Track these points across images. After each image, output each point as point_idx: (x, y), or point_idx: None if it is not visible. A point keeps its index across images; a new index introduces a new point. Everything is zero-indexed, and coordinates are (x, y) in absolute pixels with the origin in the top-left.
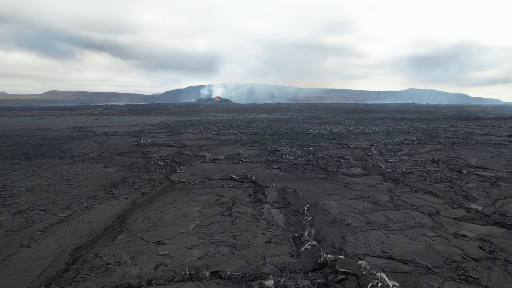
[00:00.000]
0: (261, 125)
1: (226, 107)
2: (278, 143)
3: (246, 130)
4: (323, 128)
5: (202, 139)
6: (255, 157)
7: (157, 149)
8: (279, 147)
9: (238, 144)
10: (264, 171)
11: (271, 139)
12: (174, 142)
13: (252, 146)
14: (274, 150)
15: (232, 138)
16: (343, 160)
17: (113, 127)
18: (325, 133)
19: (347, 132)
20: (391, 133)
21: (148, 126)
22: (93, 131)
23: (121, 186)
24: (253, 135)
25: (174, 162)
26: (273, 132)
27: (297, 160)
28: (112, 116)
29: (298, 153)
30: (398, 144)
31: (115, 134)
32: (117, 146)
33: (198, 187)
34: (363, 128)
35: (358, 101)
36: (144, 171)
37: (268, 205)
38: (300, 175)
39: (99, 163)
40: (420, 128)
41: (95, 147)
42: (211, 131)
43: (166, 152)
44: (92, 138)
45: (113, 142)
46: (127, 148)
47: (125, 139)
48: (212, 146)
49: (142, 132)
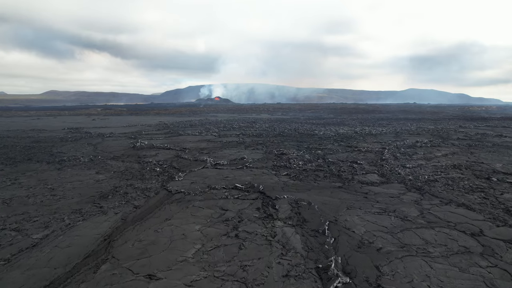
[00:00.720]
0: (263, 126)
1: (226, 107)
2: (283, 146)
3: (248, 131)
4: (328, 129)
5: (202, 141)
6: (260, 161)
7: (154, 152)
8: (285, 150)
9: (241, 146)
10: (272, 179)
11: (275, 141)
12: (173, 144)
13: (256, 149)
14: (281, 153)
15: (234, 140)
16: (356, 165)
17: (110, 128)
18: (331, 135)
19: (354, 134)
20: (400, 135)
21: (146, 127)
22: (89, 133)
23: (111, 197)
24: (256, 136)
25: (172, 168)
26: (276, 133)
27: (306, 165)
28: (111, 116)
29: (307, 157)
30: (411, 146)
31: (111, 135)
32: (111, 149)
33: (198, 198)
34: (370, 129)
35: (359, 101)
36: (139, 179)
37: (280, 222)
38: (313, 184)
39: (90, 168)
40: (429, 129)
41: (88, 150)
42: (212, 132)
43: (164, 156)
44: (87, 140)
45: (108, 144)
46: (122, 151)
47: (121, 141)
48: (213, 149)
49: (140, 134)
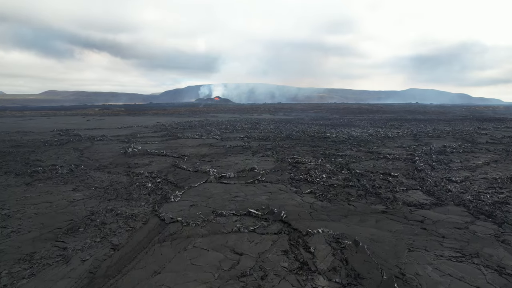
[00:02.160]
0: (268, 127)
1: (227, 107)
2: (295, 152)
3: (252, 133)
4: (339, 131)
5: (203, 146)
6: (274, 173)
7: (147, 160)
8: (300, 158)
9: (248, 152)
10: (294, 199)
11: (285, 146)
12: (170, 149)
13: (266, 155)
14: (296, 162)
15: (238, 144)
16: (391, 179)
17: (103, 129)
18: (345, 138)
19: (369, 136)
20: (419, 138)
21: (143, 128)
22: (78, 135)
23: (83, 230)
24: (263, 140)
25: (167, 183)
26: (284, 136)
27: (331, 179)
28: (107, 116)
29: (329, 168)
30: (441, 152)
31: (102, 139)
32: (99, 156)
33: (201, 232)
34: (384, 131)
35: (359, 101)
36: (124, 199)
37: (323, 278)
38: (347, 207)
39: (67, 183)
40: (447, 131)
41: (72, 157)
42: (213, 134)
43: (159, 165)
44: (74, 144)
45: (96, 149)
46: (111, 159)
47: (112, 145)
48: (216, 156)
49: (134, 137)
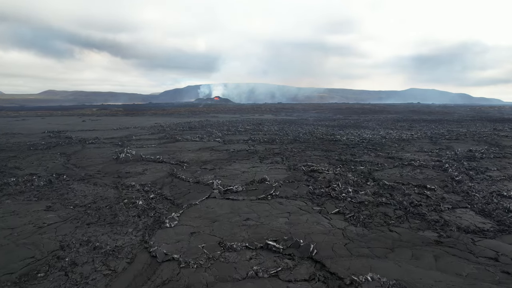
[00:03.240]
0: (272, 128)
1: (227, 107)
2: (307, 157)
3: (257, 135)
4: (348, 133)
5: (204, 150)
6: (289, 185)
7: (141, 167)
8: (315, 165)
9: (254, 158)
10: (320, 223)
11: (294, 150)
12: (167, 154)
13: (275, 161)
14: (311, 170)
15: (243, 148)
16: (429, 193)
17: (97, 131)
18: (357, 140)
19: (382, 139)
20: (436, 140)
21: (139, 129)
22: (70, 137)
23: (42, 276)
24: (268, 143)
25: (162, 199)
26: (291, 138)
27: (358, 193)
28: (104, 117)
29: (351, 178)
30: (470, 158)
31: (94, 141)
32: (87, 162)
33: (205, 279)
34: (397, 133)
35: (359, 100)
36: (108, 223)
37: None
38: (389, 233)
39: (42, 199)
40: (463, 132)
41: (57, 164)
42: (215, 137)
43: (153, 174)
44: (62, 148)
45: (86, 154)
46: (100, 166)
47: (104, 149)
48: (220, 163)
49: (129, 139)
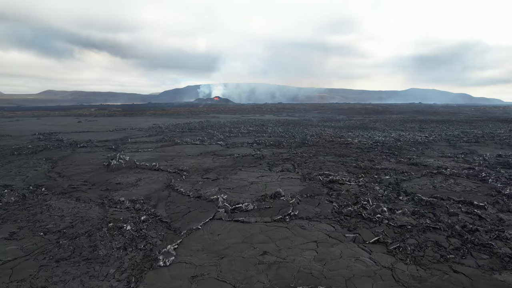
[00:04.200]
0: (276, 130)
1: (227, 107)
2: (321, 163)
3: (261, 138)
4: (358, 135)
5: (206, 155)
6: (308, 201)
7: (134, 177)
8: (332, 174)
9: (262, 165)
10: (360, 258)
11: (305, 155)
12: (165, 160)
13: (286, 169)
14: (330, 181)
15: (248, 152)
16: (480, 212)
17: (92, 133)
18: (370, 143)
19: (397, 142)
20: (455, 143)
21: (137, 131)
22: (60, 140)
23: None
24: (275, 146)
25: (155, 222)
26: (299, 141)
27: (395, 212)
28: (101, 117)
29: (379, 191)
30: (504, 164)
31: (86, 145)
32: (74, 170)
33: None
34: (410, 135)
35: (360, 101)
36: (83, 259)
37: None
38: (454, 275)
39: (7, 221)
40: (479, 134)
41: (39, 172)
42: (216, 139)
43: (148, 185)
44: (50, 152)
45: (74, 160)
46: (87, 175)
47: (95, 154)
48: (224, 171)
49: (124, 142)
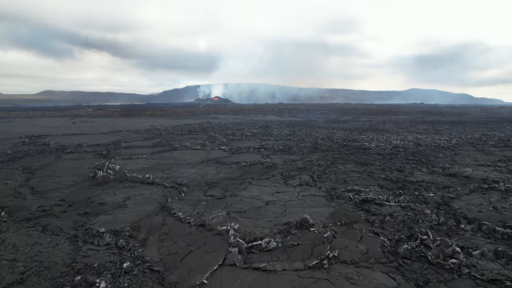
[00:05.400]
0: (282, 132)
1: (227, 108)
2: (343, 173)
3: (268, 141)
4: (373, 139)
5: (208, 164)
6: (346, 233)
7: (122, 194)
8: (362, 190)
9: (276, 177)
10: None
11: (322, 164)
12: (161, 171)
13: (304, 182)
14: (363, 200)
15: (256, 159)
16: None
17: (84, 135)
18: (389, 148)
19: (417, 146)
20: (482, 148)
21: (133, 133)
22: (47, 144)
23: None
24: (285, 152)
25: (142, 273)
26: (310, 146)
27: (472, 254)
28: (98, 118)
29: (432, 216)
30: None
31: (74, 150)
32: (51, 184)
33: None
34: (429, 139)
35: (361, 101)
36: None
37: None
38: None
39: None
40: (504, 137)
41: (8, 186)
42: (219, 143)
43: (138, 206)
44: (31, 159)
45: (56, 170)
46: (66, 191)
47: (82, 161)
48: (231, 185)
49: (118, 146)
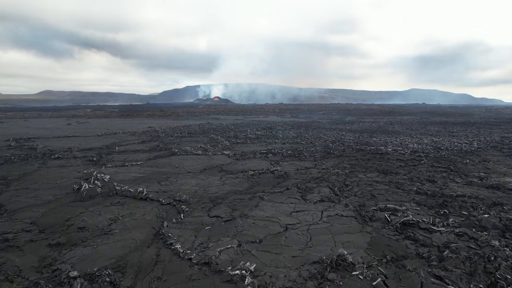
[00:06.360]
0: (288, 134)
1: (228, 108)
2: (367, 185)
3: (274, 145)
4: (387, 142)
5: (211, 172)
6: (398, 278)
7: (109, 214)
8: (399, 209)
9: (291, 190)
10: None
11: (339, 172)
12: (157, 182)
13: (325, 197)
14: (404, 223)
15: (265, 167)
16: None
17: (77, 138)
18: (408, 153)
19: (438, 151)
20: (509, 151)
21: (129, 136)
22: (34, 148)
23: None
24: (296, 157)
25: None
26: (322, 150)
27: None
28: (95, 119)
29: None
30: None
31: (63, 155)
32: (25, 200)
33: None
34: (447, 142)
35: (361, 101)
36: None
37: None
38: None
39: None
40: None
41: None
42: (222, 147)
43: (126, 233)
44: (11, 166)
45: (36, 180)
46: (42, 210)
47: (69, 169)
48: (239, 202)
49: (111, 151)
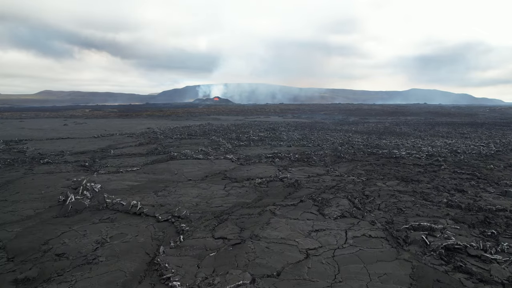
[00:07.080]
0: (293, 136)
1: (228, 108)
2: (389, 195)
3: (279, 147)
4: (398, 144)
5: (214, 181)
6: None
7: (94, 237)
8: (437, 228)
9: (306, 202)
10: None
11: (355, 179)
12: (153, 192)
13: (346, 212)
14: (447, 248)
15: (272, 173)
16: None
17: (72, 140)
18: (424, 157)
19: (456, 154)
20: None
21: (126, 137)
22: (23, 152)
23: None
24: (305, 162)
25: None
26: (332, 154)
27: None
28: (93, 119)
29: None
30: None
31: (52, 160)
32: (1, 216)
33: None
34: (462, 144)
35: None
36: None
37: None
38: None
39: None
40: None
41: None
42: (224, 150)
43: (114, 263)
44: None
45: (19, 189)
46: (17, 228)
47: (57, 176)
48: (248, 219)
49: (106, 155)
